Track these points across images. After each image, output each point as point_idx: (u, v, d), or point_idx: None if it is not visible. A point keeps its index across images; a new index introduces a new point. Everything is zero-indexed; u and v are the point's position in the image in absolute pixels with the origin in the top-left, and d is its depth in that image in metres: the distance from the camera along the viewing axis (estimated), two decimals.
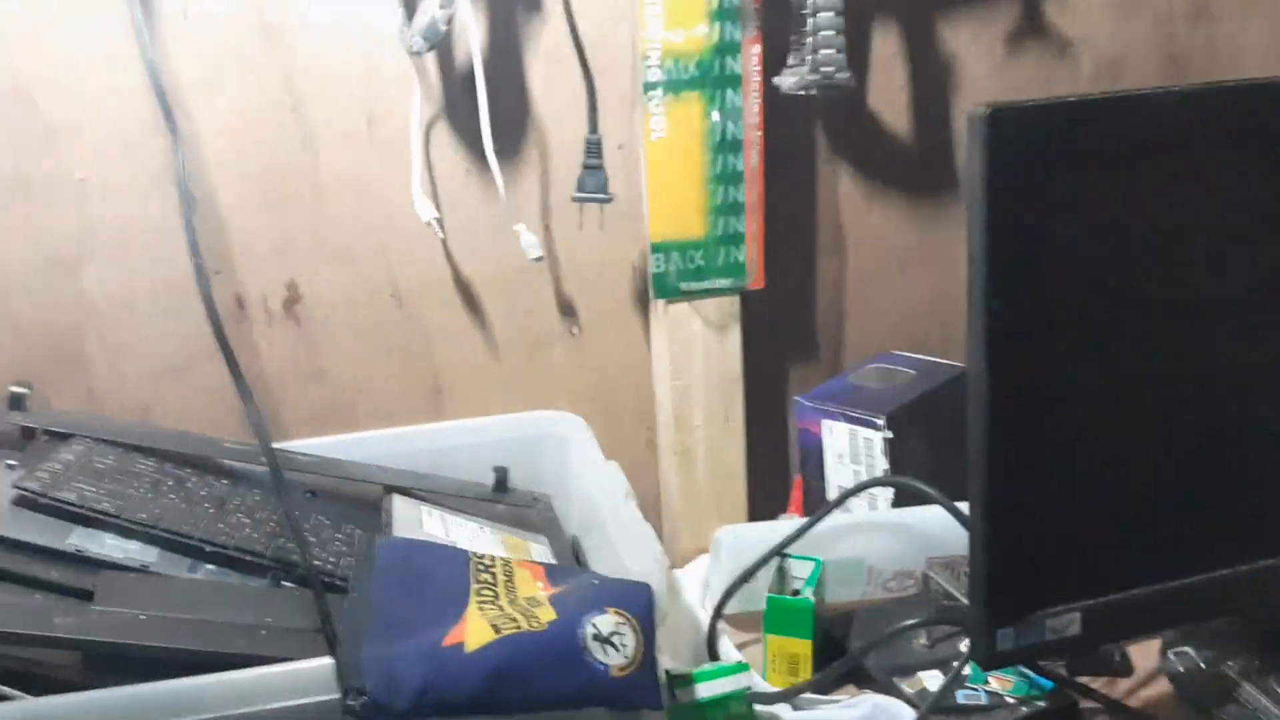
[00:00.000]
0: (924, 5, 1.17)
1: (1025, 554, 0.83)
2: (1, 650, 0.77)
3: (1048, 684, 0.93)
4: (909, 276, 1.26)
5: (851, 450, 1.12)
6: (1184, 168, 0.81)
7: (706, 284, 1.13)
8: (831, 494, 1.15)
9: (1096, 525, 0.85)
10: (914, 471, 1.06)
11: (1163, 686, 0.98)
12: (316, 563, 0.88)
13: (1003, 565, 0.82)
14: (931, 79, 1.19)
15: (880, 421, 1.09)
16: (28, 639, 0.76)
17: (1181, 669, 0.97)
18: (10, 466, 0.93)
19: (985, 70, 1.20)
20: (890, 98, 1.19)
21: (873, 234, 1.24)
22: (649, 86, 1.07)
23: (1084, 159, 0.79)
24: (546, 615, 0.80)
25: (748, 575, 1.00)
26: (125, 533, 0.88)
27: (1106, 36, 1.22)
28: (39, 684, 0.78)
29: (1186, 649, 0.97)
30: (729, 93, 1.08)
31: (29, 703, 0.75)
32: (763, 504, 1.23)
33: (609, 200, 1.09)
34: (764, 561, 1.00)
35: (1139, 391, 0.83)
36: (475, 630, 0.79)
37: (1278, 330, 0.86)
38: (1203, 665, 0.96)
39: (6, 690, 0.77)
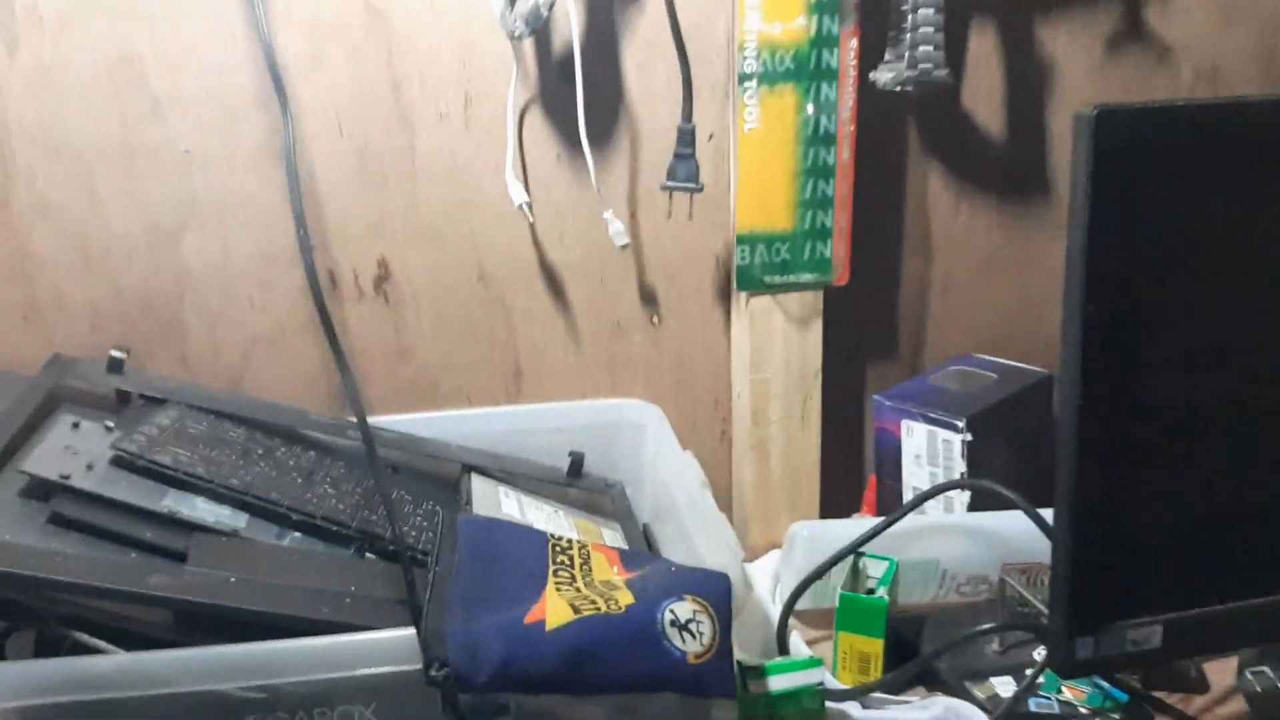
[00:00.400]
0: (1023, 5, 1.16)
1: (1110, 563, 0.82)
2: (98, 605, 0.80)
3: (1122, 696, 0.92)
4: (994, 279, 1.25)
5: (930, 452, 1.12)
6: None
7: (791, 278, 1.13)
8: (907, 495, 1.14)
9: (1184, 537, 0.84)
10: (992, 476, 1.06)
11: (1238, 705, 0.96)
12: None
13: (1086, 573, 0.81)
14: (1027, 80, 1.18)
15: (961, 424, 1.09)
16: (124, 595, 0.78)
17: (1259, 689, 0.95)
18: (108, 428, 0.95)
19: (1083, 73, 1.18)
20: (985, 97, 1.18)
21: (960, 235, 1.23)
22: (744, 77, 1.07)
23: (1190, 165, 0.78)
24: (625, 599, 0.81)
25: (821, 571, 1.00)
26: (217, 498, 0.90)
27: (1208, 43, 1.19)
28: (131, 639, 0.80)
29: (1264, 669, 0.96)
30: (824, 86, 1.08)
31: (122, 656, 0.78)
32: (835, 502, 1.22)
33: (699, 189, 1.09)
34: (840, 558, 0.99)
35: (1235, 403, 0.82)
36: (555, 610, 0.80)
37: None
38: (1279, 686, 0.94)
39: (101, 644, 0.79)
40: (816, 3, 1.06)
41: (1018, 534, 1.01)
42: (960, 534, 1.05)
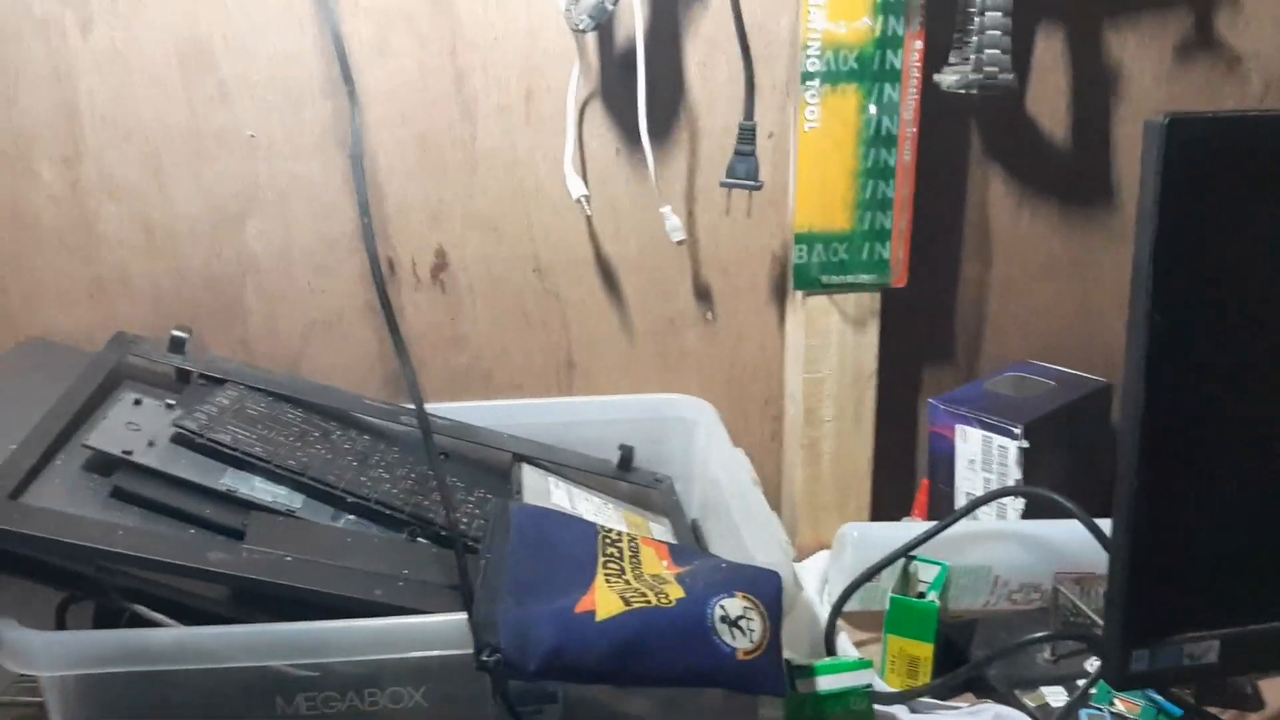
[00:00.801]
0: (1091, 10, 1.14)
1: (1168, 576, 0.81)
2: (157, 578, 0.81)
3: (1176, 710, 0.91)
4: (1054, 286, 1.24)
5: (985, 457, 1.11)
6: None
7: (849, 278, 1.12)
8: (960, 500, 1.13)
9: (1243, 552, 0.82)
10: (1047, 484, 1.05)
11: None
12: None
13: (1143, 585, 0.80)
14: (1094, 86, 1.16)
15: (1018, 430, 1.08)
16: (183, 570, 0.79)
17: None
18: (169, 406, 0.97)
19: (1150, 81, 1.17)
20: (1050, 103, 1.17)
21: (1020, 241, 1.22)
22: (807, 76, 1.07)
23: (1262, 176, 0.76)
24: (675, 593, 0.81)
25: (873, 573, 1.00)
26: (274, 478, 0.91)
27: (1277, 54, 1.17)
28: (188, 614, 0.81)
29: None
30: (887, 87, 1.07)
31: (181, 630, 0.79)
32: (886, 504, 1.22)
33: (759, 187, 1.09)
34: (890, 560, 0.99)
35: None
36: (605, 601, 0.80)
37: None
38: None
39: (159, 617, 0.80)
40: (882, 3, 1.05)
41: (1072, 543, 1.00)
42: (1013, 541, 1.04)
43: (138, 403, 0.97)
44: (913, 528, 1.02)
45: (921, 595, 0.98)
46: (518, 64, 1.09)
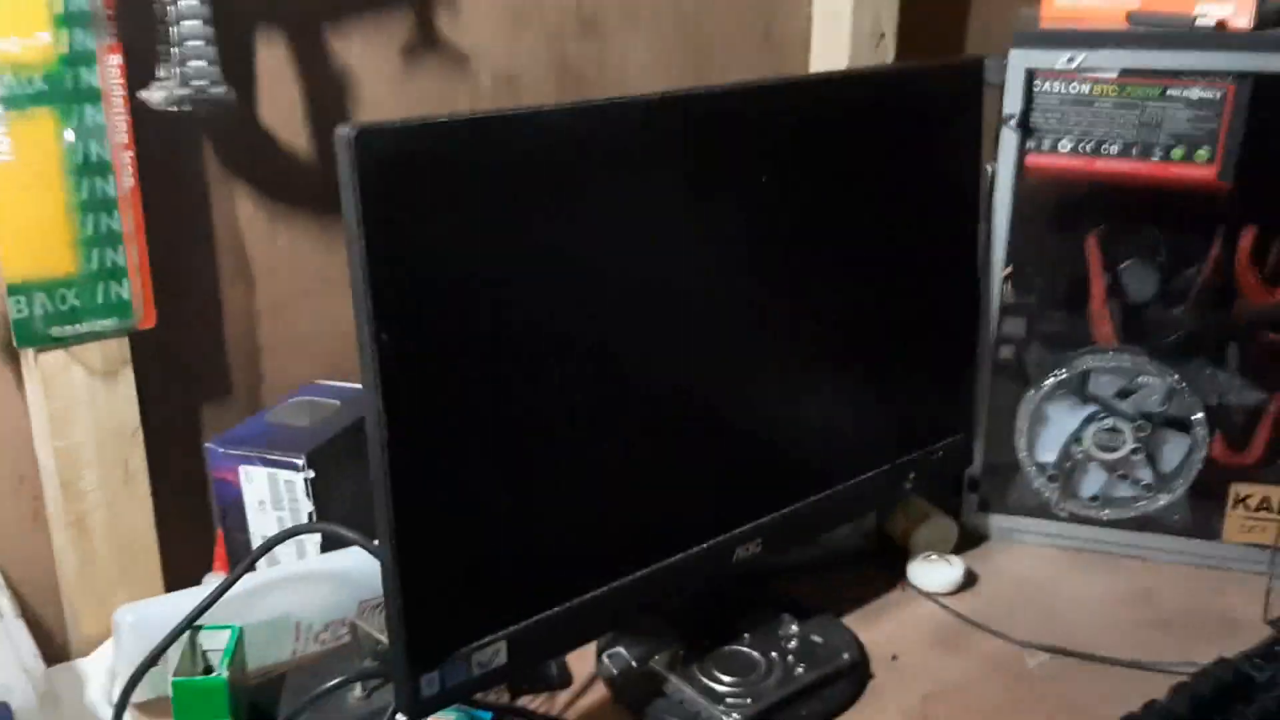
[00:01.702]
0: (309, 16, 1.10)
1: (440, 592, 0.80)
2: None
3: (485, 715, 0.91)
4: (329, 300, 1.19)
5: (274, 496, 1.03)
6: (565, 184, 0.81)
7: (84, 326, 0.99)
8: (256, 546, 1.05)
9: (507, 553, 0.84)
10: (344, 510, 1.00)
11: (601, 692, 0.99)
12: None
13: (417, 607, 0.78)
14: (327, 94, 1.13)
15: (300, 461, 1.02)
16: None
17: (615, 671, 0.99)
18: None
19: (383, 85, 1.15)
20: (285, 114, 1.11)
21: (283, 258, 1.15)
22: None
23: (464, 180, 0.76)
24: None
25: (152, 660, 0.89)
26: None
27: (501, 50, 1.22)
28: None
29: (619, 649, 1.00)
30: (88, 108, 0.95)
31: None
32: (186, 568, 1.10)
33: None
34: (168, 643, 0.88)
35: (537, 415, 0.83)
36: None
37: (663, 346, 0.90)
38: (634, 664, 0.98)
39: None
40: (64, 15, 0.92)
41: (370, 571, 0.96)
42: (311, 581, 0.98)
43: None
44: (199, 594, 0.93)
45: (210, 669, 0.88)
46: None
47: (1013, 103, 1.09)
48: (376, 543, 0.87)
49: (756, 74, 1.43)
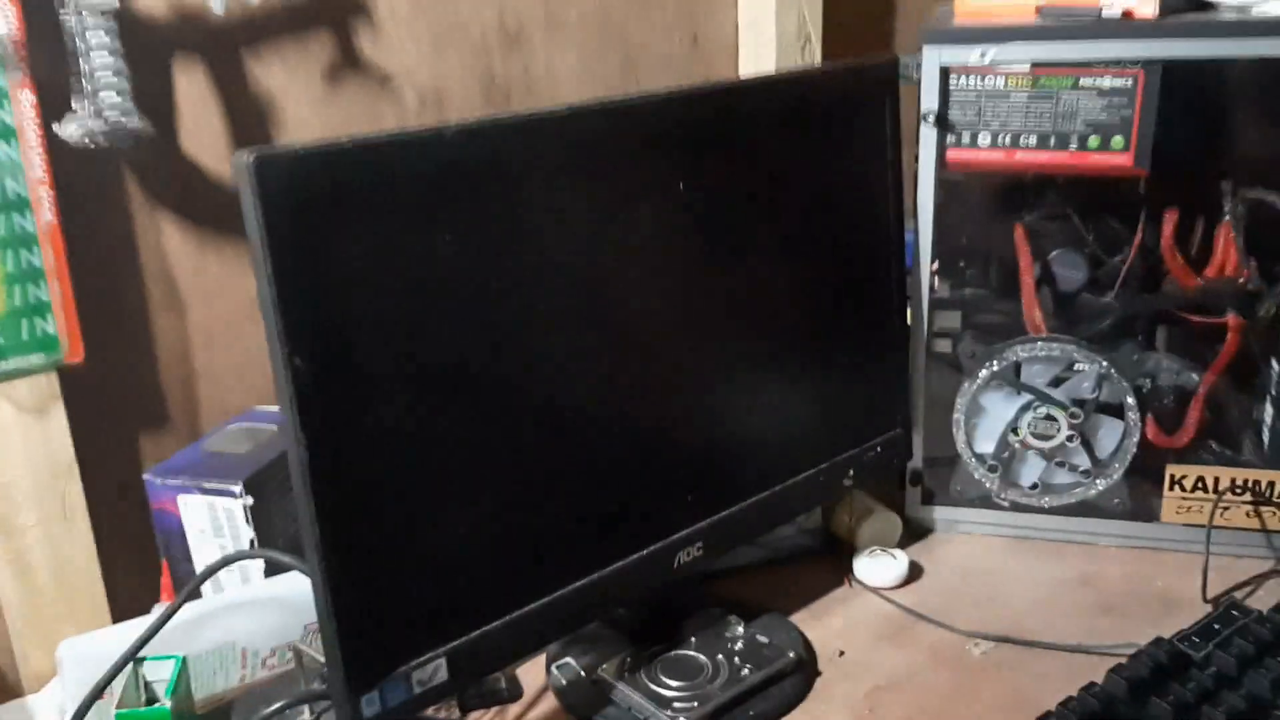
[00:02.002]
0: (228, 41, 1.10)
1: (372, 611, 0.80)
2: None
3: None
4: (261, 327, 1.18)
5: (213, 524, 1.03)
6: (474, 200, 0.82)
7: (11, 363, 0.98)
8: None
9: (438, 567, 0.84)
10: (290, 535, 1.00)
11: (552, 704, 0.99)
12: None
13: (350, 627, 0.78)
14: (250, 119, 1.12)
15: (237, 489, 1.01)
16: None
17: (565, 682, 0.99)
18: None
19: (306, 108, 1.15)
20: (207, 141, 1.11)
21: (215, 284, 1.15)
22: None
23: (368, 201, 0.76)
24: None
25: (96, 694, 0.88)
26: None
27: (426, 68, 1.22)
28: None
29: (568, 659, 1.00)
30: (3, 145, 0.94)
31: None
32: (133, 598, 1.09)
33: None
34: (111, 676, 0.88)
35: (461, 430, 0.83)
36: None
37: (590, 357, 0.90)
38: (582, 673, 0.99)
39: None
40: None
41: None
42: (254, 607, 0.98)
43: None
44: (141, 625, 0.92)
45: (154, 700, 0.88)
46: None
47: (930, 99, 1.10)
48: None
49: (686, 80, 1.44)
